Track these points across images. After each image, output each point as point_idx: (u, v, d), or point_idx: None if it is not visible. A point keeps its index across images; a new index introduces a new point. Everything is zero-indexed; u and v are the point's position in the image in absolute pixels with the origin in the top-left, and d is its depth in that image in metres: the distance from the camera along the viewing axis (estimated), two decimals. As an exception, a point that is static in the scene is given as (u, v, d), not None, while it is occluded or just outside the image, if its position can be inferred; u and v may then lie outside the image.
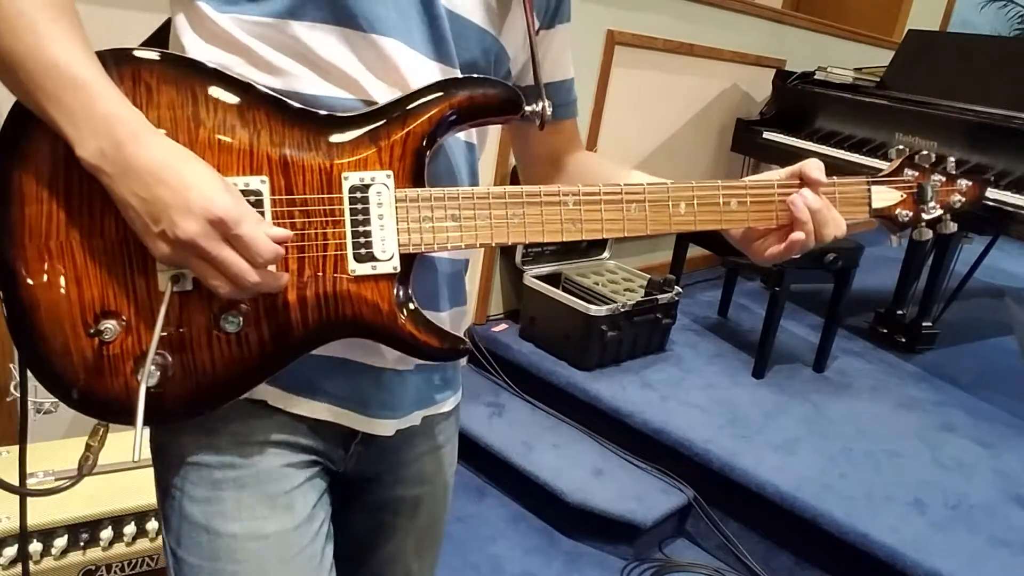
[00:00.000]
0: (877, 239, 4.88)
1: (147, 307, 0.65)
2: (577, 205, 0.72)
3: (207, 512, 0.73)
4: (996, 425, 2.46)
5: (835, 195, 0.79)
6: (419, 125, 0.68)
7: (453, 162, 0.75)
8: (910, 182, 0.82)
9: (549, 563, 1.96)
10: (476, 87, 0.70)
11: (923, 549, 1.76)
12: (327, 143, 0.67)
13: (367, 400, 0.77)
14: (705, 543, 2.11)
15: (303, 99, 0.67)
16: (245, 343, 0.67)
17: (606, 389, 2.31)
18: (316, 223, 0.66)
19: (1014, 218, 2.35)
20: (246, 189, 0.64)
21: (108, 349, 0.65)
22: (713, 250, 2.88)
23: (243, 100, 0.65)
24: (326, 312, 0.67)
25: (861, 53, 4.06)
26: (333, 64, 0.67)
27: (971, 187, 0.83)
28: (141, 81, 0.63)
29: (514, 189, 0.71)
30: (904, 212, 0.82)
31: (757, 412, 2.32)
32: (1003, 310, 3.91)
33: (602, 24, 2.64)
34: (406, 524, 0.91)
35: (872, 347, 2.99)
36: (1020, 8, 6.25)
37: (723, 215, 0.77)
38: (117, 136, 0.58)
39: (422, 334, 0.70)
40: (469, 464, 2.29)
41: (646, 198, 0.74)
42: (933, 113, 2.68)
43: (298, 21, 0.66)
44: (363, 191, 0.67)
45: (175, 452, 0.74)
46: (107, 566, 1.36)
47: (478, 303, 2.62)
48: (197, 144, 0.64)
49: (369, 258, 0.67)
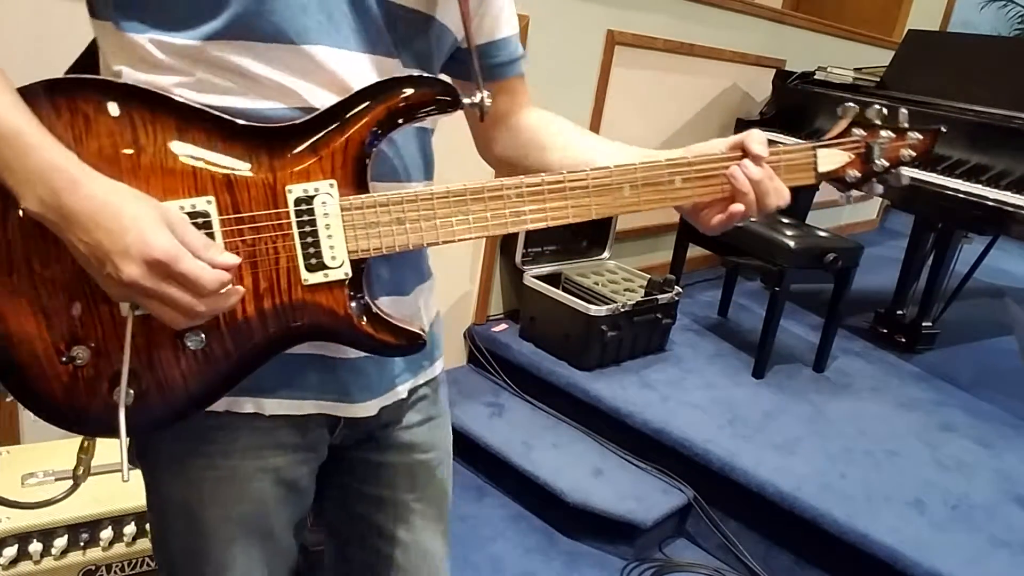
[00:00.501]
0: (877, 239, 4.89)
1: (113, 332, 0.67)
2: (520, 198, 0.73)
3: (187, 497, 0.78)
4: (996, 425, 2.46)
5: (780, 164, 0.79)
6: (356, 131, 0.68)
7: (404, 150, 0.76)
8: (858, 142, 0.81)
9: (549, 563, 1.96)
10: (410, 87, 0.69)
11: (923, 549, 1.76)
12: (269, 157, 0.67)
13: (347, 388, 0.79)
14: (705, 543, 2.11)
15: (241, 114, 0.67)
16: (211, 356, 0.69)
17: (606, 389, 2.31)
18: (266, 238, 0.68)
19: (1014, 218, 2.35)
20: (193, 211, 0.65)
21: (83, 373, 0.67)
22: (713, 250, 2.88)
23: (182, 122, 0.65)
24: (285, 321, 0.70)
25: (861, 53, 4.06)
26: (266, 78, 0.67)
27: (922, 140, 0.82)
28: (79, 111, 0.63)
29: (457, 188, 0.72)
30: (853, 172, 0.81)
31: (757, 412, 2.32)
32: (1003, 310, 3.91)
33: (602, 24, 2.64)
34: (405, 497, 0.91)
35: (872, 347, 2.99)
36: (1020, 8, 6.25)
37: (668, 194, 0.77)
38: (54, 186, 0.59)
39: (379, 333, 0.72)
40: (469, 464, 2.29)
41: (589, 184, 0.75)
42: (933, 113, 2.68)
43: (223, 41, 0.65)
44: (308, 203, 0.68)
45: (159, 452, 0.79)
46: (107, 566, 1.36)
47: (478, 303, 2.62)
48: (140, 170, 0.64)
49: (320, 267, 0.69)
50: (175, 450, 0.77)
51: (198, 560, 0.81)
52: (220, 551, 0.80)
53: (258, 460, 0.78)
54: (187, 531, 0.80)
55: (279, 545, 0.84)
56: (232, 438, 0.77)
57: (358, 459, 0.89)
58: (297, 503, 0.84)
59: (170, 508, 0.80)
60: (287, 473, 0.81)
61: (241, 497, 0.79)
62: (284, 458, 0.80)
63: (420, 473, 0.91)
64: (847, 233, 4.71)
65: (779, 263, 2.45)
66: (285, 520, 0.84)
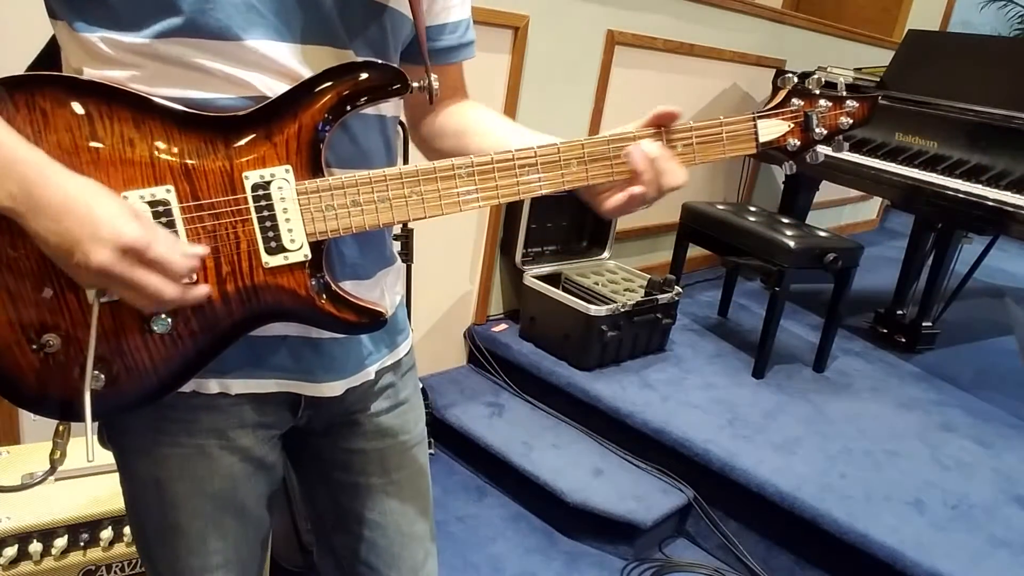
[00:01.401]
0: (877, 239, 4.89)
1: (82, 319, 0.68)
2: (470, 176, 0.75)
3: (157, 475, 0.80)
4: (996, 425, 2.46)
5: (722, 134, 0.80)
6: (309, 117, 0.70)
7: (364, 137, 0.77)
8: (796, 111, 0.83)
9: (549, 563, 1.96)
10: (359, 72, 0.71)
11: (923, 549, 1.76)
12: (225, 145, 0.69)
13: (311, 368, 0.81)
14: (705, 543, 2.11)
15: (197, 104, 0.68)
16: (179, 340, 0.71)
17: (606, 389, 2.31)
18: (226, 223, 0.69)
19: (1014, 218, 2.35)
20: (153, 199, 0.67)
21: (53, 359, 0.69)
22: (713, 250, 2.88)
23: (138, 113, 0.67)
24: (249, 303, 0.72)
25: (861, 53, 4.06)
26: (219, 70, 0.68)
27: (859, 107, 0.84)
28: (36, 107, 0.64)
29: (408, 169, 0.73)
30: (793, 141, 0.83)
31: (757, 412, 2.32)
32: (1003, 310, 3.91)
33: (602, 24, 2.64)
34: (379, 482, 0.92)
35: (872, 347, 2.99)
36: (1020, 8, 6.25)
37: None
38: (24, 179, 0.60)
39: (340, 312, 0.75)
40: (469, 464, 2.29)
41: (537, 161, 0.75)
42: (933, 113, 2.68)
43: (171, 39, 0.66)
44: (265, 188, 0.70)
45: (124, 434, 0.81)
46: (107, 566, 1.36)
47: (478, 303, 2.62)
48: (100, 163, 0.65)
49: (280, 250, 0.71)
50: (140, 431, 0.79)
51: (173, 535, 0.82)
52: (193, 525, 0.82)
53: (224, 440, 0.80)
54: (159, 507, 0.82)
55: (250, 517, 0.87)
56: (192, 417, 0.79)
57: (331, 448, 0.91)
58: (266, 478, 0.87)
59: (140, 487, 0.83)
60: (255, 451, 0.83)
61: (212, 475, 0.81)
62: (249, 437, 0.82)
63: (391, 457, 0.92)
64: (847, 233, 4.71)
65: (779, 263, 2.45)
66: (256, 495, 0.86)
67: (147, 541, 0.85)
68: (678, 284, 2.58)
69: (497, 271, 2.66)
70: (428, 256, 2.29)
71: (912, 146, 2.77)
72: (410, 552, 0.94)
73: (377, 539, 0.92)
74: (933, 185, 2.56)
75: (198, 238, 0.68)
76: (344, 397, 0.85)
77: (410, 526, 0.94)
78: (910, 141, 2.76)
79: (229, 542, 0.85)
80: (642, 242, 3.28)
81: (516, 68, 2.37)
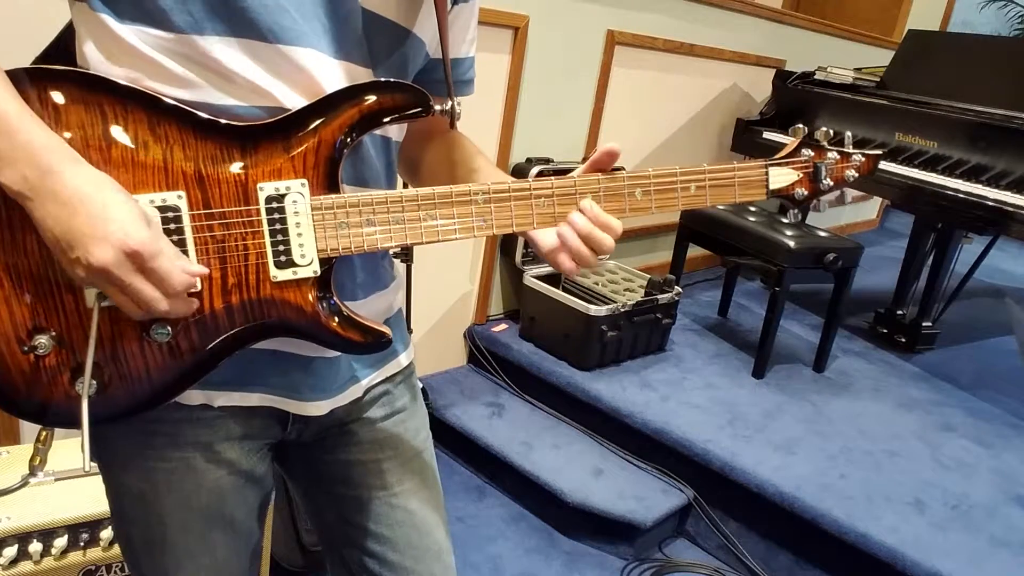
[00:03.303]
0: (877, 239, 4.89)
1: (77, 322, 0.66)
2: (488, 203, 0.74)
3: (142, 488, 0.79)
4: (996, 425, 2.46)
5: (734, 179, 0.81)
6: (330, 132, 0.69)
7: (370, 158, 0.77)
8: (806, 162, 0.85)
9: (549, 563, 1.96)
10: (384, 91, 0.70)
11: (923, 549, 1.76)
12: (241, 154, 0.67)
13: (297, 386, 0.80)
14: (705, 543, 2.11)
15: (214, 111, 0.67)
16: (177, 350, 0.69)
17: (606, 389, 2.31)
18: (236, 234, 0.68)
19: (1014, 218, 2.35)
20: (163, 205, 0.65)
21: (44, 362, 0.67)
22: (713, 250, 2.88)
23: (154, 115, 0.65)
24: (252, 317, 0.70)
25: (861, 53, 4.06)
26: (242, 75, 0.67)
27: (864, 162, 0.87)
28: (48, 101, 0.63)
29: (426, 191, 0.72)
30: (800, 191, 0.85)
31: (757, 412, 2.32)
32: (1003, 310, 3.91)
33: (602, 24, 2.64)
34: (382, 494, 0.90)
35: (872, 347, 2.99)
36: (1020, 8, 6.25)
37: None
38: (41, 165, 0.59)
39: (344, 331, 0.73)
40: (469, 464, 2.29)
41: (554, 193, 0.75)
42: (933, 113, 2.68)
43: (201, 36, 0.65)
44: (279, 201, 0.68)
45: (109, 448, 0.79)
46: (107, 566, 1.36)
47: (478, 303, 2.63)
48: (111, 163, 0.64)
49: (289, 264, 0.70)
50: (125, 444, 0.78)
51: (160, 550, 0.81)
52: (181, 540, 0.81)
53: (209, 452, 0.79)
54: (145, 521, 0.80)
55: (240, 530, 0.85)
56: (176, 430, 0.77)
57: (327, 461, 0.89)
58: (256, 489, 0.85)
59: (127, 501, 0.81)
60: (242, 464, 0.82)
61: (199, 489, 0.80)
62: (235, 450, 0.81)
63: (392, 470, 0.90)
64: (847, 233, 4.71)
65: (779, 263, 2.45)
66: (245, 508, 0.85)
67: (135, 554, 0.84)
68: (678, 284, 2.58)
69: (497, 271, 2.66)
70: (428, 256, 2.30)
71: (912, 146, 2.77)
72: (425, 565, 0.92)
73: (387, 553, 0.90)
74: (933, 185, 2.56)
75: (206, 247, 0.67)
76: (332, 412, 0.84)
77: (421, 539, 0.92)
78: (910, 141, 2.76)
79: (218, 556, 0.83)
80: (642, 242, 3.28)
81: (516, 68, 2.37)
